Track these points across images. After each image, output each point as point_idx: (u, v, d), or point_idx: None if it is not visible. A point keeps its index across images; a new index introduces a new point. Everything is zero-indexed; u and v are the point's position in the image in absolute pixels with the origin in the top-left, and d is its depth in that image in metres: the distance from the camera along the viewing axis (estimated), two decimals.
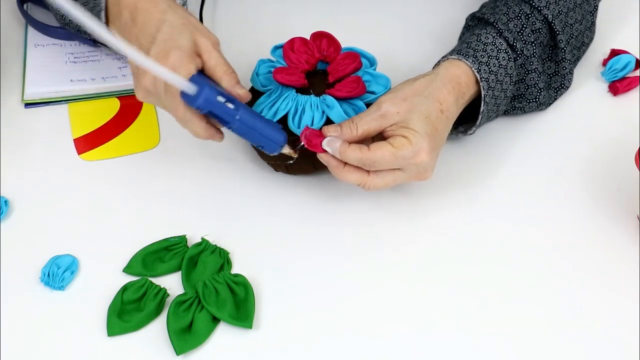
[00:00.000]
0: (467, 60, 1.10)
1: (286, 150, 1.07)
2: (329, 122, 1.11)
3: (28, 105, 1.23)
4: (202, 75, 1.05)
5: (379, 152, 1.03)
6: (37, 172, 1.16)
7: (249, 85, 1.17)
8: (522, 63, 1.14)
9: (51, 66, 1.26)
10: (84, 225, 1.11)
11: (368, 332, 1.03)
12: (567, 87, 1.19)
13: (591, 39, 1.22)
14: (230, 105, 1.03)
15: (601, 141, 1.17)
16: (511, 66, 1.12)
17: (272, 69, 1.14)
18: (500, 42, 1.12)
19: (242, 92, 1.05)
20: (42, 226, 1.11)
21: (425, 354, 1.01)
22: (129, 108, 1.22)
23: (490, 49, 1.11)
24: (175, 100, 1.03)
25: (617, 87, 1.22)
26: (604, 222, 1.10)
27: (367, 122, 1.06)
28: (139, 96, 1.07)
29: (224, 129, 1.07)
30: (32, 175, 1.16)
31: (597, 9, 1.21)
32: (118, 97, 1.23)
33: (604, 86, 1.23)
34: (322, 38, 1.15)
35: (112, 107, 1.22)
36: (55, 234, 1.10)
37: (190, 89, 1.01)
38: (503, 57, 1.12)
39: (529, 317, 1.03)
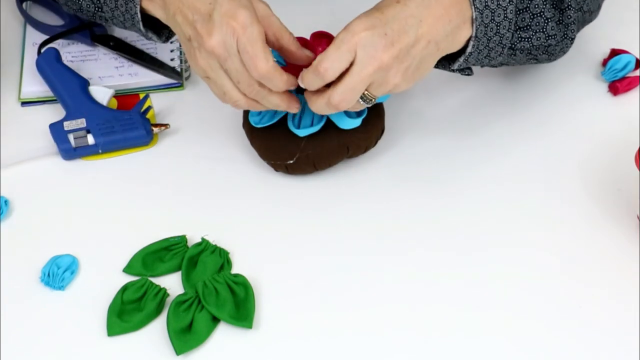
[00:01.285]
0: None
1: (156, 130, 1.19)
2: (328, 122, 1.11)
3: (25, 104, 1.23)
4: (58, 124, 1.17)
5: (323, 53, 1.01)
6: (37, 172, 1.16)
7: None
8: None
9: None
10: (84, 225, 1.11)
11: (368, 331, 1.03)
12: (571, 39, 1.13)
13: (590, 11, 1.18)
14: (90, 141, 1.16)
15: (601, 141, 1.17)
16: None
17: None
18: None
19: (308, 53, 1.07)
20: (42, 226, 1.11)
21: (425, 354, 1.01)
22: (126, 107, 1.22)
23: None
24: (256, 57, 1.01)
25: (617, 87, 1.22)
26: (604, 222, 1.10)
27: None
28: (201, 63, 1.04)
29: None
30: (32, 175, 1.15)
31: None
32: (115, 97, 1.23)
33: (604, 86, 1.23)
34: (322, 38, 1.15)
35: (109, 105, 1.21)
36: (55, 234, 1.10)
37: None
38: None
39: (529, 317, 1.03)
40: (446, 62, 1.10)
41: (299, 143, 1.12)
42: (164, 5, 1.07)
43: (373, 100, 1.04)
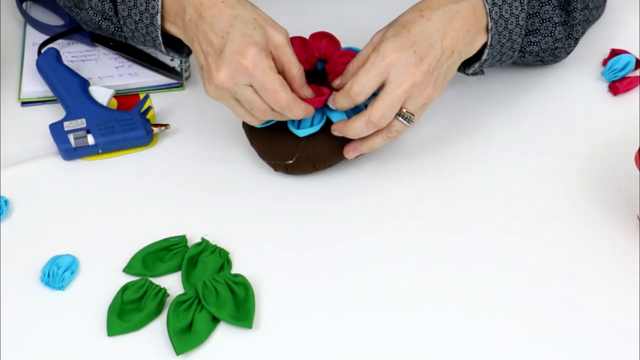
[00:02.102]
0: None
1: (157, 130, 1.18)
2: (328, 122, 1.11)
3: (25, 104, 1.23)
4: (59, 124, 1.17)
5: (355, 76, 1.06)
6: (37, 172, 1.16)
7: None
8: None
9: None
10: (84, 225, 1.11)
11: (368, 331, 1.02)
12: (575, 39, 1.18)
13: (596, 7, 1.22)
14: (90, 141, 1.16)
15: (601, 141, 1.17)
16: None
17: None
18: None
19: (308, 93, 1.09)
20: (42, 226, 1.11)
21: (425, 355, 1.01)
22: (127, 107, 1.22)
23: None
24: (275, 92, 1.05)
25: (617, 87, 1.22)
26: (603, 222, 1.10)
27: (361, 55, 1.09)
28: (211, 94, 1.08)
29: None
30: (32, 175, 1.16)
31: None
32: (115, 97, 1.23)
33: (604, 86, 1.23)
34: (322, 38, 1.15)
35: (109, 106, 1.21)
36: (55, 234, 1.10)
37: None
38: None
39: (528, 317, 1.03)
40: (462, 66, 1.14)
41: (298, 143, 1.12)
42: (183, 29, 1.10)
43: (412, 117, 1.08)
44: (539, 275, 1.06)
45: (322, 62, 1.16)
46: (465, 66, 1.14)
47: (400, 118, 1.07)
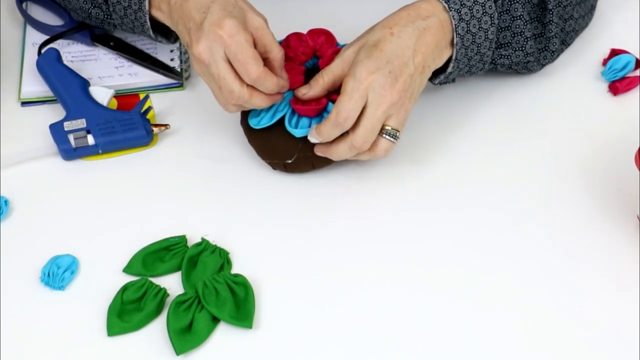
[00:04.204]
0: None
1: (157, 130, 1.19)
2: None
3: (25, 104, 1.23)
4: (59, 125, 1.17)
5: (338, 103, 1.06)
6: (37, 172, 1.16)
7: None
8: (506, 9, 1.13)
9: None
10: (84, 225, 1.11)
11: (368, 331, 1.03)
12: (553, 52, 1.18)
13: (582, 16, 1.22)
14: (90, 142, 1.16)
15: (601, 141, 1.17)
16: (490, 5, 1.11)
17: None
18: None
19: (285, 76, 1.11)
20: (42, 226, 1.11)
21: (425, 353, 1.01)
22: (127, 107, 1.22)
23: None
24: (247, 63, 1.06)
25: (617, 87, 1.22)
26: (604, 222, 1.10)
27: (331, 70, 1.10)
28: (196, 69, 1.10)
29: None
30: (32, 175, 1.15)
31: None
32: (115, 97, 1.23)
33: (604, 86, 1.23)
34: (320, 35, 1.16)
35: (109, 106, 1.21)
36: (55, 234, 1.10)
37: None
38: None
39: (528, 317, 1.03)
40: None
41: (297, 143, 1.12)
42: (169, 13, 1.12)
43: (398, 133, 1.09)
44: (539, 275, 1.06)
45: (316, 58, 1.16)
46: (432, 77, 1.15)
47: (385, 136, 1.08)
